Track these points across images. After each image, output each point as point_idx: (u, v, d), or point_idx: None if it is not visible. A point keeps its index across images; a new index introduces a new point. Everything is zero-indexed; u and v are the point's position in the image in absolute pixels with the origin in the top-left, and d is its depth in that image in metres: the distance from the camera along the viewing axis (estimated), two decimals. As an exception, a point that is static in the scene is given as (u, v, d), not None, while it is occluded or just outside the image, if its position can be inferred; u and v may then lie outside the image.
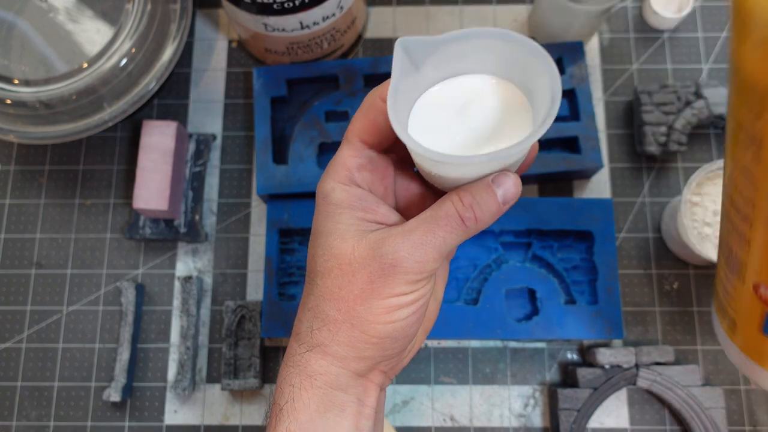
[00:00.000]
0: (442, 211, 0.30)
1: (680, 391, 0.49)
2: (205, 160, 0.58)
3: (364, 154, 0.32)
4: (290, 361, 0.31)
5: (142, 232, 0.56)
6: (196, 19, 0.63)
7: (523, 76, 0.29)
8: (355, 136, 0.32)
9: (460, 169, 0.29)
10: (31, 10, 0.53)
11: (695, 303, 0.54)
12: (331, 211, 0.31)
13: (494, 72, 0.30)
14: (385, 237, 0.30)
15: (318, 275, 0.31)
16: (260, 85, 0.56)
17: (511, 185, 0.30)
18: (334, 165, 0.32)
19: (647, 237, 0.56)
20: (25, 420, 0.54)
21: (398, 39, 0.28)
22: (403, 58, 0.28)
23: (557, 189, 0.57)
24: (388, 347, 0.31)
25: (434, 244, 0.29)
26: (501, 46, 0.28)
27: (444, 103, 0.31)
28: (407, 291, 0.30)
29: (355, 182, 0.32)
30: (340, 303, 0.30)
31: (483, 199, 0.30)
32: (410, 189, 0.35)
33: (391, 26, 0.62)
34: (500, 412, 0.53)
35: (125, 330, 0.54)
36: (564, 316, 0.51)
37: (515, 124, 0.30)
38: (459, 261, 0.54)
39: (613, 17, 0.62)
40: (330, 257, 0.31)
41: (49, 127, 0.53)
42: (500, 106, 0.30)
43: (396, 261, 0.29)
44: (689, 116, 0.55)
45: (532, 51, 0.27)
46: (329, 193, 0.32)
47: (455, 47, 0.29)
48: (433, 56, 0.29)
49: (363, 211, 0.31)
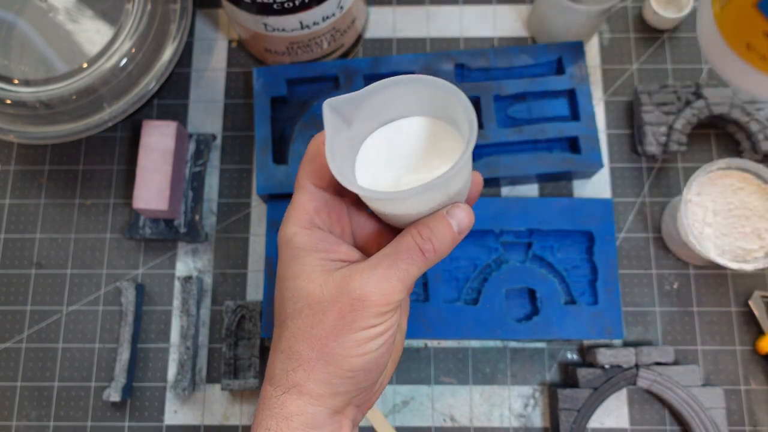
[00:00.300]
0: (402, 245, 0.32)
1: (680, 391, 0.49)
2: (205, 160, 0.58)
3: (320, 198, 0.34)
4: (266, 405, 0.32)
5: (142, 232, 0.56)
6: (196, 19, 0.63)
7: (446, 111, 0.32)
8: (307, 181, 0.34)
9: (407, 203, 0.31)
10: (31, 10, 0.53)
11: (695, 303, 0.54)
12: (296, 254, 0.33)
13: (422, 113, 0.33)
14: (351, 273, 0.31)
15: (288, 317, 0.32)
16: (260, 85, 0.56)
17: (464, 215, 0.32)
18: (292, 211, 0.34)
19: (647, 237, 0.56)
20: (25, 420, 0.54)
21: (325, 101, 0.30)
22: (333, 118, 0.30)
23: (557, 189, 0.57)
24: (362, 380, 0.32)
25: (398, 277, 0.31)
26: (419, 89, 0.31)
27: (383, 148, 0.33)
28: (376, 323, 0.31)
29: (315, 225, 0.34)
30: (313, 341, 0.31)
31: (439, 230, 0.32)
32: (366, 228, 0.37)
33: (391, 26, 0.62)
34: (500, 412, 0.53)
35: (125, 330, 0.54)
36: (564, 316, 0.51)
37: (449, 155, 0.32)
38: (459, 261, 0.54)
39: (613, 17, 0.61)
40: (299, 298, 0.32)
41: (49, 127, 0.53)
42: (433, 141, 0.33)
43: (364, 295, 0.31)
44: (689, 116, 0.55)
45: (443, 87, 0.30)
46: (292, 238, 0.33)
47: (379, 97, 0.31)
48: (361, 109, 0.31)
49: (326, 251, 0.33)
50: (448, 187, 0.31)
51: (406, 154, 0.33)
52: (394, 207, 0.32)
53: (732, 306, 0.54)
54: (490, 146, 0.55)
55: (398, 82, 0.31)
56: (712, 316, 0.54)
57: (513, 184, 0.57)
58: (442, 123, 0.33)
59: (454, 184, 0.31)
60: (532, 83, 0.56)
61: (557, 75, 0.56)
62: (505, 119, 0.57)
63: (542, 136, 0.54)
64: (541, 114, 0.57)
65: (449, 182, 0.30)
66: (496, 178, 0.55)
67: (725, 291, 0.55)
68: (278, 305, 0.33)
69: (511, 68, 0.57)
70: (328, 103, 0.30)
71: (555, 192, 0.57)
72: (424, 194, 0.29)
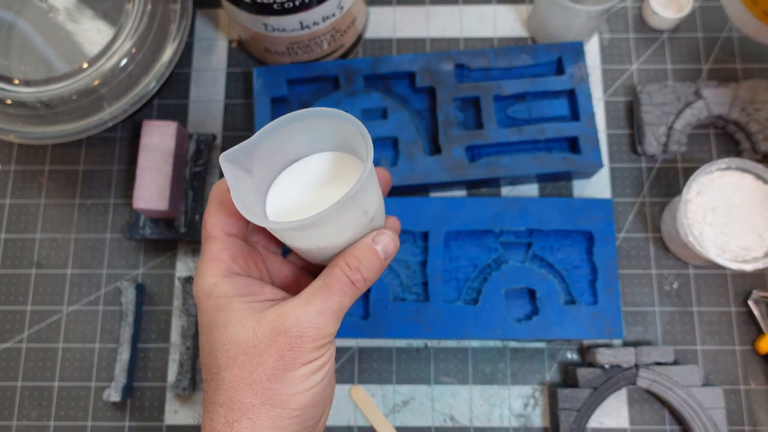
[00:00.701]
0: (333, 278, 0.32)
1: (680, 391, 0.49)
2: (205, 160, 0.58)
3: (234, 245, 0.34)
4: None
5: (142, 232, 0.56)
6: (196, 19, 0.63)
7: (342, 140, 0.33)
8: (218, 230, 0.33)
9: (327, 229, 0.31)
10: (31, 10, 0.53)
11: (695, 303, 0.55)
12: (220, 303, 0.32)
13: (319, 149, 0.34)
14: (284, 311, 0.31)
15: (222, 368, 0.31)
16: (260, 85, 0.56)
17: (388, 241, 0.33)
18: (208, 262, 0.33)
19: (647, 237, 0.56)
20: (26, 420, 0.54)
21: (221, 155, 0.30)
22: (233, 169, 0.30)
23: (557, 189, 0.57)
24: (309, 416, 0.32)
25: (332, 310, 0.31)
26: (308, 125, 0.32)
27: (289, 191, 0.34)
28: (316, 357, 0.31)
29: (234, 272, 0.33)
30: (255, 387, 0.30)
31: (366, 259, 0.32)
32: (282, 272, 0.37)
33: (391, 26, 0.62)
34: (500, 412, 0.53)
35: (125, 330, 0.54)
36: (564, 316, 0.51)
37: (353, 176, 0.33)
38: (459, 261, 0.54)
39: (613, 17, 0.62)
40: (231, 346, 0.31)
41: (49, 127, 0.53)
42: (337, 173, 0.34)
43: (301, 332, 0.30)
44: (689, 116, 0.55)
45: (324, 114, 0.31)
46: (213, 289, 0.32)
47: (272, 140, 0.31)
48: (257, 155, 0.31)
49: (251, 295, 0.32)
50: (362, 203, 0.31)
51: (313, 191, 0.34)
52: (316, 237, 0.31)
53: (731, 306, 0.54)
54: (490, 146, 0.55)
55: (283, 122, 0.31)
56: (711, 315, 0.54)
57: (513, 184, 0.57)
58: (340, 154, 0.34)
59: (367, 201, 0.32)
60: (532, 83, 0.56)
61: (557, 75, 0.56)
62: (505, 119, 0.57)
63: (542, 136, 0.54)
64: (541, 114, 0.57)
65: (361, 198, 0.30)
66: (496, 178, 0.55)
67: (725, 291, 0.55)
68: (207, 358, 0.32)
69: (511, 68, 0.57)
70: (224, 156, 0.30)
71: (555, 192, 0.57)
72: (340, 215, 0.29)
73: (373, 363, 0.54)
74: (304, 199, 0.34)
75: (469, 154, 0.55)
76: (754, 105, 0.55)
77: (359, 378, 0.54)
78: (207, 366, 0.32)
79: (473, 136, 0.55)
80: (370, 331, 0.51)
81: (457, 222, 0.53)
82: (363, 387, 0.53)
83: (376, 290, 0.52)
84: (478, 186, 0.57)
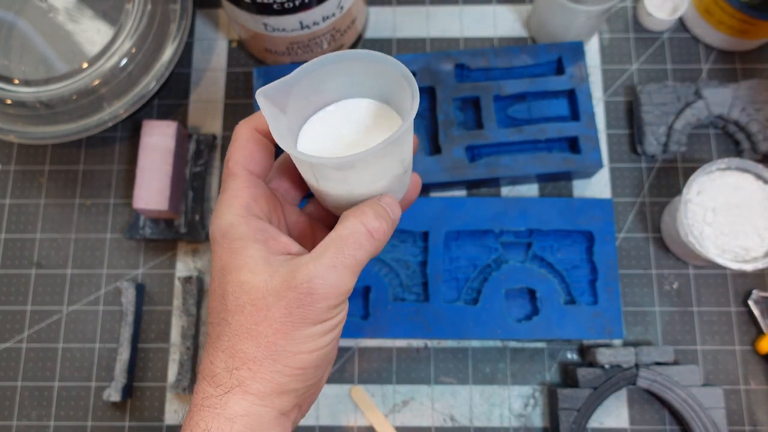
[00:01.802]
0: (347, 230, 0.30)
1: (680, 391, 0.49)
2: (205, 160, 0.58)
3: (256, 185, 0.32)
4: (204, 404, 0.30)
5: (142, 232, 0.56)
6: (196, 19, 0.63)
7: (380, 87, 0.32)
8: (241, 167, 0.32)
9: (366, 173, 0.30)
10: (31, 10, 0.53)
11: (695, 303, 0.55)
12: (236, 246, 0.30)
13: (356, 94, 0.33)
14: (296, 267, 0.29)
15: (230, 314, 0.30)
16: (260, 85, 0.56)
17: (391, 201, 0.32)
18: (225, 200, 0.32)
19: (647, 237, 0.56)
20: (26, 420, 0.54)
21: (257, 90, 0.29)
22: (270, 106, 0.29)
23: (557, 189, 0.57)
24: (311, 376, 0.31)
25: (345, 264, 0.29)
26: (347, 67, 0.31)
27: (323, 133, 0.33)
28: (327, 317, 0.30)
29: (253, 214, 0.31)
30: (259, 339, 0.29)
31: (380, 212, 0.31)
32: (299, 223, 0.35)
33: (391, 26, 0.62)
34: (500, 412, 0.53)
35: (125, 330, 0.54)
36: (564, 316, 0.51)
37: (389, 126, 0.32)
38: (459, 261, 0.54)
39: (613, 17, 0.62)
40: (242, 293, 0.30)
41: (49, 127, 0.53)
42: (372, 121, 0.32)
43: (312, 289, 0.29)
44: (689, 116, 0.55)
45: (367, 56, 0.30)
46: (229, 229, 0.31)
47: (310, 79, 0.30)
48: (294, 95, 0.30)
49: (266, 242, 0.31)
50: (402, 150, 0.30)
51: (347, 136, 0.32)
52: (353, 180, 0.30)
53: (732, 306, 0.54)
54: (490, 146, 0.55)
55: (324, 61, 0.30)
56: (711, 315, 0.54)
57: (513, 184, 0.57)
58: (377, 102, 0.33)
59: (406, 150, 0.31)
60: (532, 83, 0.56)
61: (557, 75, 0.56)
62: (505, 119, 0.57)
63: (542, 136, 0.54)
64: (541, 114, 0.57)
65: (403, 144, 0.29)
66: (496, 178, 0.55)
67: (725, 291, 0.55)
68: (217, 301, 0.31)
69: (511, 68, 0.57)
70: (261, 91, 0.29)
71: (555, 192, 0.57)
72: (382, 158, 0.28)
73: (373, 363, 0.54)
74: (338, 143, 0.32)
75: (469, 154, 0.55)
76: (754, 105, 0.55)
77: (359, 378, 0.54)
78: (215, 310, 0.31)
79: (473, 136, 0.55)
80: (370, 331, 0.51)
81: (457, 222, 0.53)
82: (363, 387, 0.53)
83: (376, 290, 0.52)
84: (478, 186, 0.57)
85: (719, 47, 0.60)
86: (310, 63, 0.30)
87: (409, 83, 0.29)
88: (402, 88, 0.30)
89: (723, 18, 0.56)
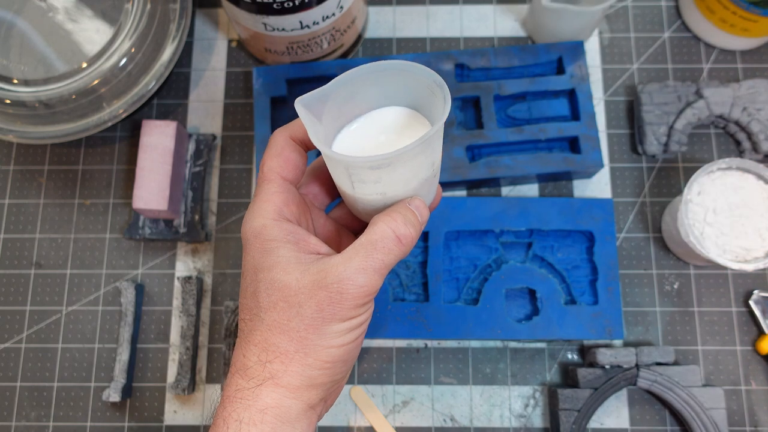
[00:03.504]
0: (377, 235, 0.32)
1: (681, 392, 0.49)
2: (205, 160, 0.58)
3: (288, 190, 0.34)
4: (237, 396, 0.31)
5: (142, 232, 0.56)
6: (196, 18, 0.63)
7: (408, 93, 0.33)
8: (274, 174, 0.34)
9: (398, 173, 0.31)
10: (31, 10, 0.53)
11: (695, 303, 0.54)
12: (268, 246, 0.32)
13: (388, 102, 0.34)
14: (328, 267, 0.31)
15: (262, 310, 0.32)
16: (260, 85, 0.56)
17: (420, 204, 0.34)
18: (258, 204, 0.34)
19: (647, 237, 0.56)
20: (25, 420, 0.54)
21: (296, 99, 0.31)
22: (307, 114, 0.31)
23: (557, 189, 0.57)
24: (338, 371, 0.33)
25: (374, 268, 0.31)
26: (379, 78, 0.32)
27: (357, 142, 0.34)
28: (355, 315, 0.32)
29: (284, 217, 0.33)
30: (291, 334, 0.31)
31: (409, 218, 0.33)
32: (326, 227, 0.37)
33: (391, 26, 0.62)
34: (500, 412, 0.53)
35: (125, 330, 0.54)
36: (564, 316, 0.51)
37: (419, 132, 0.33)
38: (459, 261, 0.54)
39: (613, 17, 0.61)
40: (274, 291, 0.32)
41: (49, 126, 0.53)
42: (402, 125, 0.34)
43: (342, 289, 0.31)
44: (690, 116, 0.55)
45: (398, 66, 0.31)
46: (261, 231, 0.33)
47: (344, 91, 0.32)
48: (329, 104, 0.32)
49: (297, 243, 0.33)
50: (434, 152, 0.32)
51: (380, 142, 0.34)
52: (385, 181, 0.32)
53: (732, 306, 0.54)
54: (490, 146, 0.55)
55: (359, 72, 0.31)
56: (712, 316, 0.54)
57: (513, 184, 0.57)
58: (407, 109, 0.34)
59: (436, 153, 0.32)
60: (532, 83, 0.56)
61: (557, 75, 0.56)
62: (505, 119, 0.57)
63: (542, 136, 0.54)
64: (541, 114, 0.57)
65: (434, 145, 0.31)
66: (496, 178, 0.55)
67: (725, 291, 0.55)
68: (249, 298, 0.33)
69: (511, 68, 0.57)
70: (300, 100, 0.31)
71: (555, 192, 0.57)
72: (414, 158, 0.30)
73: (373, 363, 0.54)
74: (371, 149, 0.34)
75: (469, 153, 0.55)
76: (755, 105, 0.55)
77: (359, 378, 0.54)
78: (247, 306, 0.33)
79: (473, 135, 0.55)
80: (370, 331, 0.51)
81: (457, 222, 0.53)
82: (363, 387, 0.53)
83: (376, 290, 0.52)
84: (478, 186, 0.57)
85: (720, 46, 0.60)
86: (346, 74, 0.31)
87: (441, 89, 0.30)
88: (432, 93, 0.31)
89: (725, 16, 0.56)
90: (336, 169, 0.33)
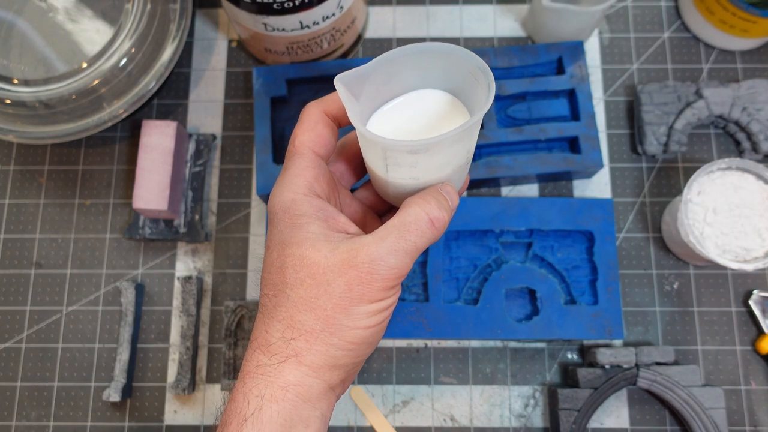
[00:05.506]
0: (410, 217, 0.31)
1: (680, 392, 0.49)
2: (205, 160, 0.58)
3: (319, 166, 0.33)
4: (258, 372, 0.31)
5: (142, 232, 0.56)
6: (196, 19, 0.63)
7: (448, 77, 0.32)
8: (306, 148, 0.33)
9: (436, 158, 0.31)
10: (31, 10, 0.53)
11: (695, 303, 0.54)
12: (297, 222, 0.32)
13: (427, 85, 0.34)
14: (358, 246, 0.31)
15: (288, 286, 0.31)
16: (260, 85, 0.56)
17: (451, 190, 0.33)
18: (288, 178, 0.33)
19: (647, 237, 0.56)
20: (25, 420, 0.54)
21: (336, 77, 0.30)
22: (346, 92, 0.31)
23: (557, 189, 0.57)
24: (361, 353, 0.32)
25: (406, 250, 0.31)
26: (419, 60, 0.31)
27: (393, 122, 0.34)
28: (383, 297, 0.31)
29: (314, 193, 0.33)
30: (318, 312, 0.30)
31: (441, 202, 0.32)
32: (352, 207, 0.37)
33: (391, 26, 0.62)
34: (500, 412, 0.53)
35: (125, 330, 0.54)
36: (564, 316, 0.51)
37: (457, 118, 0.33)
38: (459, 261, 0.54)
39: (613, 17, 0.61)
40: (302, 267, 0.31)
41: (49, 126, 0.53)
42: (442, 113, 0.33)
43: (373, 269, 0.30)
44: (690, 116, 0.55)
45: (441, 49, 0.30)
46: (291, 205, 0.32)
47: (383, 70, 0.31)
48: (367, 83, 0.31)
49: (327, 220, 0.32)
50: (471, 140, 0.31)
51: (417, 125, 0.33)
52: (421, 166, 0.31)
53: (732, 306, 0.54)
54: (490, 146, 0.55)
55: (399, 53, 0.31)
56: (712, 315, 0.54)
57: (513, 184, 0.57)
58: (446, 94, 0.34)
59: (473, 142, 0.32)
60: (532, 83, 0.56)
61: (557, 75, 0.56)
62: (505, 119, 0.57)
63: (542, 136, 0.54)
64: (541, 114, 0.57)
65: (473, 133, 0.30)
66: (496, 178, 0.55)
67: (725, 291, 0.55)
68: (275, 273, 0.32)
69: (511, 68, 0.57)
70: (339, 78, 0.30)
71: (555, 192, 0.57)
72: (453, 144, 0.29)
73: (373, 363, 0.54)
74: (408, 131, 0.33)
75: (469, 153, 0.55)
76: (754, 105, 0.55)
77: (359, 378, 0.54)
78: (272, 282, 0.32)
79: (473, 135, 0.55)
80: (370, 332, 0.51)
81: (457, 222, 0.53)
82: (363, 387, 0.53)
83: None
84: (478, 186, 0.57)
85: (720, 47, 0.60)
86: (388, 53, 0.31)
87: (486, 74, 0.30)
88: (475, 79, 0.31)
89: (725, 17, 0.56)
90: (372, 150, 0.32)
